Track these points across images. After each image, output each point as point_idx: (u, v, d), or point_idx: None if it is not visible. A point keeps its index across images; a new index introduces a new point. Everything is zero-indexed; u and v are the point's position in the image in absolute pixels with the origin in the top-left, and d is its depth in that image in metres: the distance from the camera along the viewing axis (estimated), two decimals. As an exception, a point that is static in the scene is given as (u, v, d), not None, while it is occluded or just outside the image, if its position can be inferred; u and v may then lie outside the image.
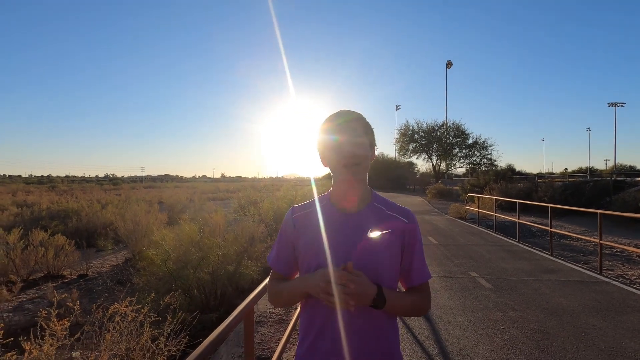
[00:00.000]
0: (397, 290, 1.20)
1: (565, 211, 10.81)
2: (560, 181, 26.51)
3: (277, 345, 2.93)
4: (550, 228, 8.28)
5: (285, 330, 3.78)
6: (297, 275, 1.25)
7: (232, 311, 1.84)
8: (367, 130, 1.15)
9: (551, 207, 8.63)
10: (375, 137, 1.20)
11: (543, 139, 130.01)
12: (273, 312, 4.88)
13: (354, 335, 1.10)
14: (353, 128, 1.12)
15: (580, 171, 60.84)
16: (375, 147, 1.22)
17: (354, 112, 1.17)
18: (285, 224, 1.24)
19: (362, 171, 1.14)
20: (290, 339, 3.53)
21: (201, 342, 1.50)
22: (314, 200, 1.25)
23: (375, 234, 1.13)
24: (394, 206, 1.21)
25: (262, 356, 3.68)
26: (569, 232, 10.13)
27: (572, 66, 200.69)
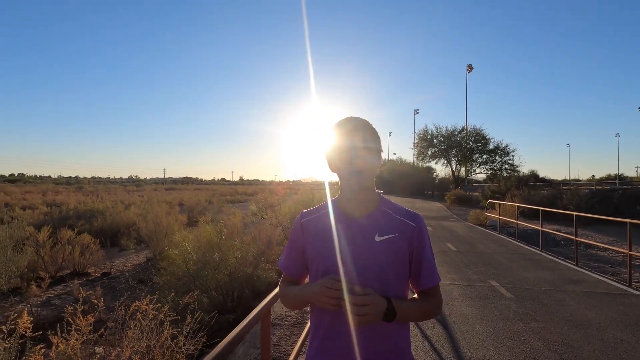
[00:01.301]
0: (408, 294, 1.21)
1: (592, 220, 10.39)
2: (587, 188, 25.52)
3: (293, 349, 2.95)
4: (576, 237, 7.98)
5: (300, 333, 3.80)
6: (308, 277, 1.28)
7: (249, 313, 1.87)
8: (373, 137, 1.16)
9: (577, 215, 8.32)
10: (393, 142, 1.22)
11: (568, 145, 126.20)
12: (289, 315, 4.91)
13: (363, 335, 1.11)
14: (359, 135, 1.14)
15: (608, 178, 58.37)
16: (393, 153, 1.24)
17: (360, 118, 1.18)
18: (294, 229, 1.28)
19: (369, 178, 1.16)
20: (306, 343, 3.55)
21: (218, 342, 1.53)
22: (322, 205, 1.27)
23: (382, 238, 1.14)
24: (402, 210, 1.22)
25: (278, 358, 3.71)
26: (595, 241, 9.74)
27: (600, 69, 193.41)
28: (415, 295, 1.23)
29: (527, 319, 4.45)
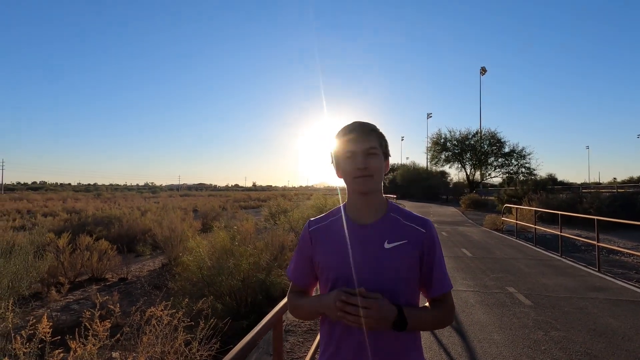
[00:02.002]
0: (419, 301, 1.19)
1: (614, 224, 10.04)
2: (608, 192, 24.72)
3: (306, 356, 2.92)
4: (597, 242, 7.72)
5: (314, 340, 3.77)
6: (316, 285, 1.27)
7: (262, 319, 1.87)
8: (380, 142, 1.15)
9: (598, 219, 8.05)
10: (406, 146, 1.21)
11: (588, 147, 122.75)
12: (302, 322, 4.89)
13: (374, 350, 1.09)
14: (364, 139, 1.12)
15: (631, 181, 56.37)
16: (406, 158, 1.23)
17: (366, 123, 1.17)
18: (302, 238, 1.25)
19: (376, 182, 1.14)
20: (319, 350, 3.52)
21: (232, 348, 1.53)
22: (330, 213, 1.25)
23: (391, 245, 1.12)
24: (411, 215, 1.19)
25: (291, 366, 3.68)
26: (618, 247, 9.39)
27: (620, 69, 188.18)
28: (427, 304, 1.20)
29: (547, 328, 4.31)
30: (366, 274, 1.11)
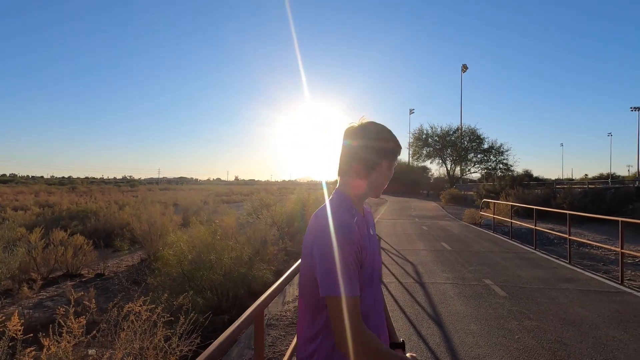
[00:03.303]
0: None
1: (585, 219, 10.49)
2: (580, 187, 25.78)
3: (287, 349, 2.93)
4: (569, 235, 8.05)
5: (295, 333, 3.78)
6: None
7: (244, 313, 1.86)
8: (377, 140, 1.26)
9: (570, 214, 8.40)
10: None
11: (562, 144, 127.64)
12: (284, 315, 4.90)
13: None
14: (363, 138, 1.20)
15: (601, 177, 58.96)
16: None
17: (367, 122, 1.21)
18: (351, 234, 1.06)
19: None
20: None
21: (212, 342, 1.52)
22: (348, 206, 1.16)
23: (374, 232, 1.29)
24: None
25: (273, 359, 3.69)
26: (588, 240, 9.83)
27: (593, 69, 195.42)
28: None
29: (521, 317, 4.48)
30: (379, 262, 1.24)
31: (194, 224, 6.86)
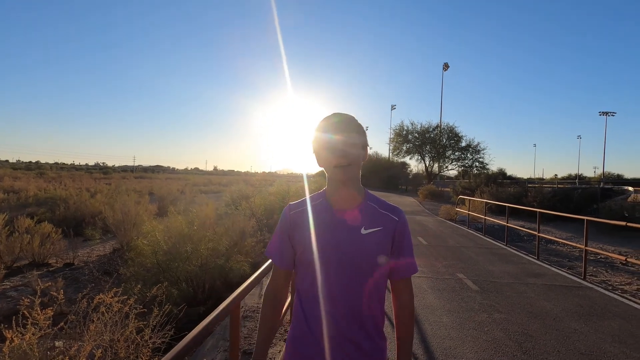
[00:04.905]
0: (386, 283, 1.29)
1: (554, 217, 10.98)
2: (550, 187, 26.91)
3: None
4: (538, 233, 8.40)
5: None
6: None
7: (220, 305, 1.83)
8: (359, 132, 1.20)
9: (540, 212, 8.75)
10: (370, 137, 1.24)
11: (535, 145, 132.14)
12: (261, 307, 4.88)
13: (338, 345, 1.18)
14: (345, 130, 1.17)
15: (569, 178, 61.84)
16: (369, 147, 1.25)
17: (346, 114, 1.22)
18: (283, 220, 1.29)
19: (355, 171, 1.20)
20: (277, 334, 3.54)
21: (187, 334, 1.49)
22: (311, 198, 1.30)
23: (368, 231, 1.19)
24: (386, 204, 1.27)
25: (248, 350, 3.68)
26: (555, 237, 10.30)
27: (566, 74, 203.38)
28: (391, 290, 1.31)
29: (491, 310, 4.65)
30: (343, 257, 1.17)
31: (171, 214, 6.68)
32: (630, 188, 29.80)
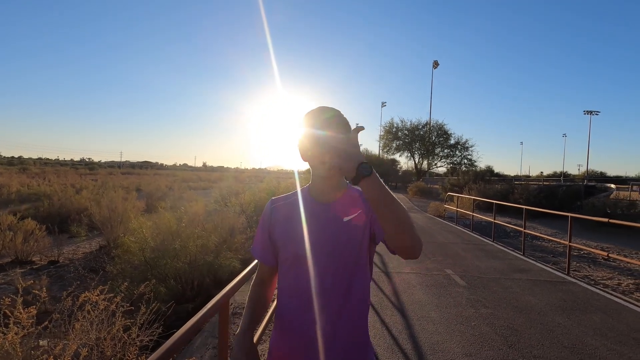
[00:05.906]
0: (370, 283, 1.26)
1: (539, 213, 11.19)
2: (536, 184, 27.42)
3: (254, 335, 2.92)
4: (524, 229, 8.56)
5: (261, 322, 3.77)
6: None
7: (209, 302, 1.82)
8: (343, 126, 1.18)
9: (526, 209, 8.92)
10: (360, 134, 1.22)
11: (522, 143, 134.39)
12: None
13: (326, 326, 1.17)
14: (329, 124, 1.15)
15: (554, 175, 63.15)
16: (360, 144, 1.23)
17: (331, 108, 1.20)
18: (264, 215, 1.30)
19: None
20: (266, 331, 3.53)
21: (175, 332, 1.47)
22: (293, 192, 1.31)
23: (349, 217, 1.20)
24: None
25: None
26: (541, 233, 10.50)
27: (552, 75, 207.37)
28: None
29: (478, 306, 4.73)
30: (325, 248, 1.17)
31: (159, 210, 6.60)
32: (613, 185, 30.64)
